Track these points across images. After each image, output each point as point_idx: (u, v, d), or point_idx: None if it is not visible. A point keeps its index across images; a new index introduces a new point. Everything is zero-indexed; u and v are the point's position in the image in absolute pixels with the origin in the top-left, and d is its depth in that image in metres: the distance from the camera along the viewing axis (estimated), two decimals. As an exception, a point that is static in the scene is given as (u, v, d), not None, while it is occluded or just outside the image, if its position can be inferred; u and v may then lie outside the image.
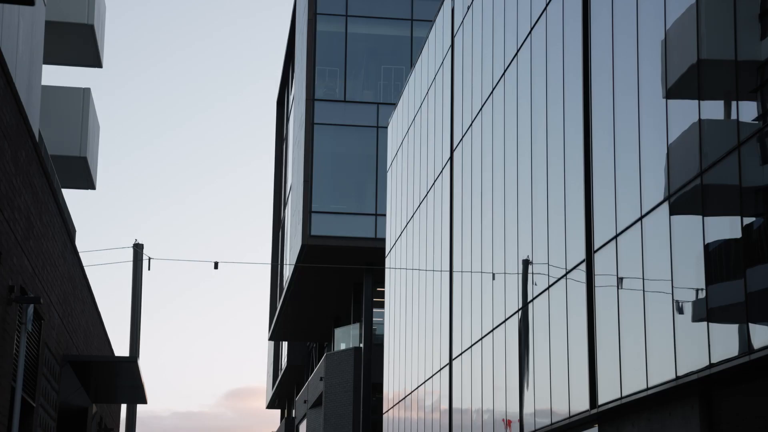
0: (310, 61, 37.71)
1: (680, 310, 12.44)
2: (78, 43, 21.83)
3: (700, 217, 12.04)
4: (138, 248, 26.31)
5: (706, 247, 11.88)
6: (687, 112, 12.46)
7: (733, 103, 11.43)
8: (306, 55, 37.92)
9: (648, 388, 13.13)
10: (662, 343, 12.86)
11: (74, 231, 23.12)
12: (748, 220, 11.08)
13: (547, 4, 17.64)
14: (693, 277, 12.16)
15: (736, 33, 11.41)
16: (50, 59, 22.74)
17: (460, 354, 22.13)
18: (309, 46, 37.81)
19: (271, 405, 62.21)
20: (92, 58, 22.55)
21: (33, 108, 16.31)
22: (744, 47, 11.25)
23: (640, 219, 13.61)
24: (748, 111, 11.15)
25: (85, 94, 21.93)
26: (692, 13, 12.42)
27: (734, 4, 11.47)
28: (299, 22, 41.27)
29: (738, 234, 11.24)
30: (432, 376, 24.70)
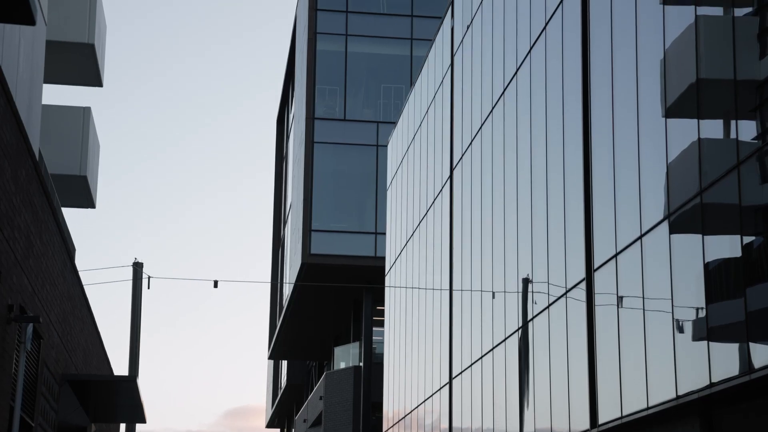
0: (310, 80, 37.79)
1: (680, 329, 12.43)
2: (78, 63, 21.88)
3: (700, 235, 12.04)
4: (137, 267, 26.30)
5: (706, 266, 11.87)
6: (686, 131, 12.48)
7: (733, 122, 11.45)
8: (306, 74, 38.00)
9: (648, 407, 13.10)
10: (663, 362, 12.83)
11: (74, 250, 23.11)
12: (747, 239, 11.08)
13: (546, 24, 17.69)
14: (693, 296, 12.15)
15: (734, 52, 11.44)
16: (51, 78, 22.79)
17: (460, 373, 22.08)
18: (309, 64, 37.90)
19: (270, 424, 62.02)
20: (93, 78, 22.59)
21: (33, 127, 16.34)
22: (743, 66, 11.28)
23: (640, 238, 13.61)
24: (747, 130, 11.17)
25: (85, 113, 21.97)
26: (691, 32, 12.46)
27: (733, 23, 11.51)
28: (299, 41, 41.38)
29: (738, 253, 11.24)
30: (432, 395, 24.64)
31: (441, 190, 24.93)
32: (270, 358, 49.71)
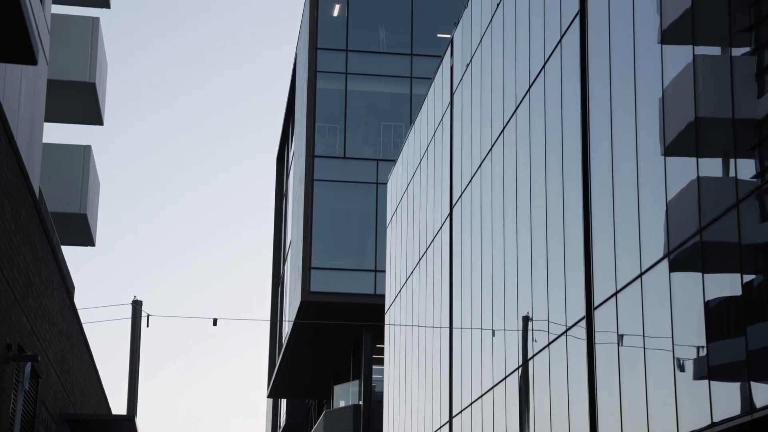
0: (310, 118, 37.93)
1: (681, 368, 12.38)
2: (79, 101, 21.96)
3: (700, 274, 12.03)
4: (137, 305, 26.24)
5: (707, 304, 11.85)
6: (685, 169, 12.51)
7: (732, 161, 11.48)
8: (306, 112, 38.15)
9: (650, 447, 13.02)
10: (664, 401, 12.78)
11: (73, 288, 23.07)
12: (748, 278, 11.07)
13: (545, 62, 17.79)
14: (694, 335, 12.11)
15: (733, 91, 11.50)
16: (52, 117, 22.86)
17: (461, 411, 21.97)
18: (309, 103, 38.06)
19: (269, 463, 61.57)
20: (93, 116, 22.67)
21: (34, 165, 16.37)
22: (741, 105, 11.33)
23: (640, 276, 13.60)
24: (746, 168, 11.19)
25: (85, 151, 22.02)
26: (689, 71, 12.52)
27: (731, 63, 11.57)
28: (299, 80, 41.58)
29: (738, 291, 11.22)
30: (432, 434, 24.50)
31: (441, 227, 24.94)
32: (269, 396, 49.47)
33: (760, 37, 11.04)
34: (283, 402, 52.71)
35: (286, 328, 42.02)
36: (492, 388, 19.73)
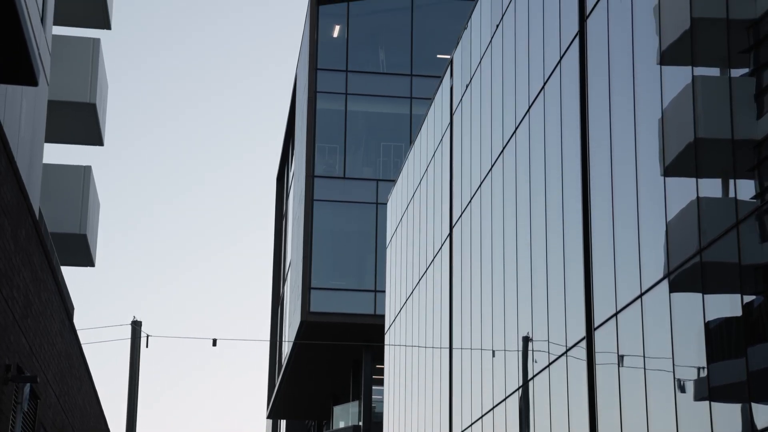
0: (310, 138, 37.98)
1: (682, 389, 12.35)
2: (80, 122, 22.00)
3: (700, 294, 12.02)
4: (136, 325, 26.20)
5: (707, 325, 11.84)
6: (685, 189, 12.52)
7: (731, 181, 11.49)
8: (306, 132, 38.21)
9: (651, 469, 12.97)
10: (664, 422, 12.74)
11: (72, 308, 23.04)
12: (748, 298, 11.06)
13: (545, 83, 17.83)
14: (694, 356, 12.09)
15: (732, 112, 11.52)
16: (52, 137, 22.89)
17: (461, 433, 21.90)
18: (309, 123, 38.12)
19: (269, 484, 61.31)
20: (94, 137, 22.70)
21: (34, 186, 16.38)
22: (741, 126, 11.34)
23: (640, 296, 13.59)
24: (746, 189, 11.20)
25: (85, 171, 22.04)
26: (688, 92, 12.55)
27: (730, 83, 11.60)
28: (299, 100, 41.67)
29: (738, 312, 11.21)
30: (432, 455, 24.41)
31: (440, 247, 24.93)
32: (269, 417, 49.31)
33: (759, 59, 11.07)
34: (283, 423, 52.53)
35: (286, 348, 41.94)
36: (492, 408, 19.67)
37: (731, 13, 11.60)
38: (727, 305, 11.47)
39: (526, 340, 17.97)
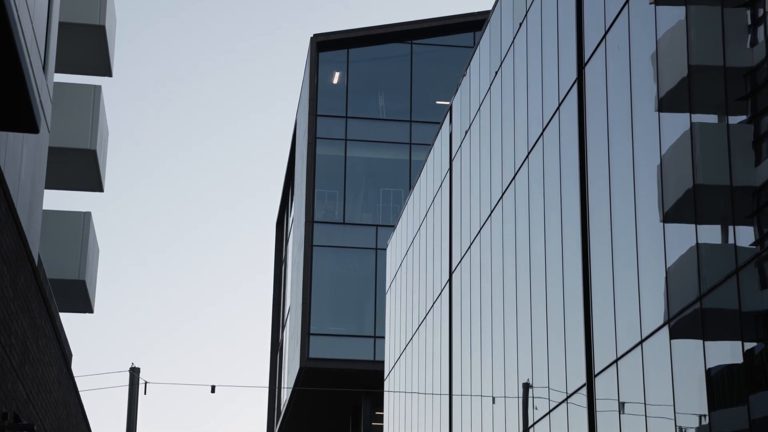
0: (310, 184, 38.07)
1: (683, 437, 12.26)
2: (80, 169, 22.05)
3: (701, 341, 11.97)
4: (134, 372, 26.09)
5: (708, 372, 11.78)
6: (685, 236, 12.52)
7: (730, 228, 11.50)
8: (306, 178, 38.30)
9: None
10: (666, 471, 12.63)
11: (70, 355, 22.95)
12: (749, 345, 11.02)
13: (543, 129, 17.91)
14: (695, 403, 12.02)
15: (730, 159, 11.56)
16: (52, 184, 22.93)
17: (461, 480, 21.71)
18: (309, 168, 38.23)
19: None
20: (94, 183, 22.74)
21: (33, 232, 16.38)
22: (739, 173, 11.37)
23: (641, 343, 13.54)
24: (745, 236, 11.21)
25: (85, 218, 22.05)
26: (687, 139, 12.60)
27: (728, 131, 11.65)
28: (299, 145, 41.81)
29: (739, 359, 11.16)
30: (432, 504, 24.18)
31: (440, 293, 24.88)
32: (267, 464, 48.89)
33: (756, 106, 11.13)
34: (282, 470, 52.07)
35: (285, 394, 41.70)
36: (492, 456, 19.52)
37: (728, 61, 11.68)
38: (728, 352, 11.43)
39: (527, 386, 17.87)
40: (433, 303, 25.52)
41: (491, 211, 20.81)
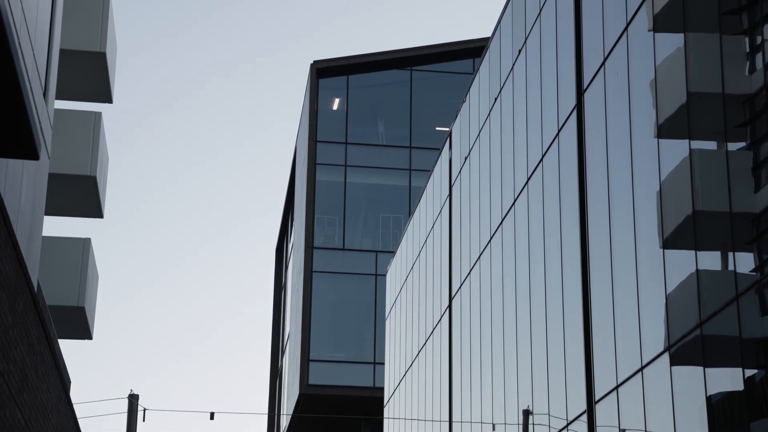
0: (310, 210, 38.08)
1: (685, 464, 12.21)
2: (80, 195, 22.06)
3: (701, 368, 11.94)
4: (133, 399, 26.00)
5: (709, 399, 11.74)
6: (684, 262, 12.51)
7: (730, 254, 11.49)
8: (305, 204, 38.31)
9: None
10: (667, 499, 12.56)
11: (69, 382, 22.88)
12: (749, 372, 10.98)
13: (543, 156, 17.93)
14: (696, 430, 11.97)
15: (730, 186, 11.56)
16: (52, 210, 22.93)
17: (461, 508, 21.58)
18: (308, 194, 38.25)
19: None
20: (94, 209, 22.74)
21: (33, 259, 16.36)
22: (739, 199, 11.38)
23: (641, 370, 13.50)
24: (745, 262, 11.20)
25: (84, 244, 22.03)
26: (686, 165, 12.62)
27: (727, 157, 11.66)
28: (299, 171, 41.86)
29: (740, 386, 11.12)
30: None
31: (440, 319, 24.83)
32: (266, 491, 48.63)
33: (756, 133, 11.15)
34: (281, 497, 51.81)
35: (284, 421, 41.53)
36: (493, 483, 19.42)
37: (727, 88, 11.71)
38: (729, 379, 11.39)
39: (527, 413, 17.80)
40: (433, 329, 25.46)
41: (491, 237, 20.81)
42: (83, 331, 23.22)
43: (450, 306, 23.95)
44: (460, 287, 23.11)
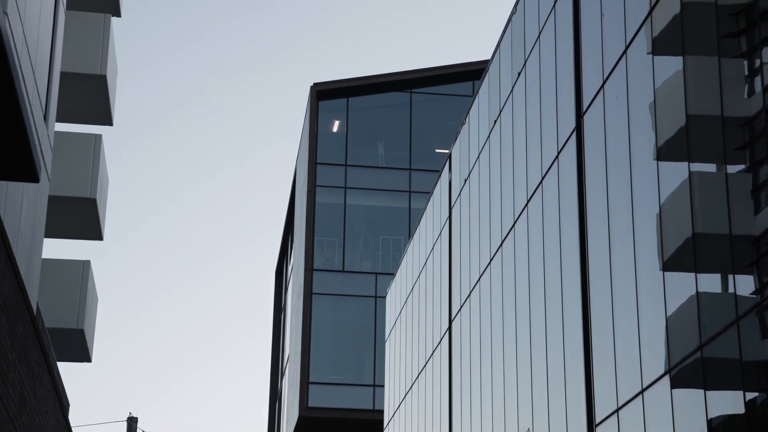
0: (309, 231, 38.08)
1: (686, 488, 12.16)
2: (80, 217, 22.07)
3: (702, 391, 11.91)
4: (132, 422, 25.91)
5: (710, 422, 11.71)
6: (684, 284, 12.51)
7: (730, 277, 11.48)
8: (305, 226, 38.32)
9: None
10: None
11: (68, 405, 22.81)
12: (750, 395, 10.96)
13: (542, 178, 17.95)
14: (697, 453, 11.93)
15: (729, 208, 11.57)
16: (51, 232, 22.93)
17: None
18: (308, 216, 38.26)
19: None
20: (94, 232, 22.74)
21: (32, 281, 16.35)
22: (738, 222, 11.39)
23: (641, 392, 13.46)
24: (745, 285, 11.19)
25: (84, 266, 22.02)
26: (685, 187, 12.63)
27: (726, 180, 11.68)
28: (299, 193, 41.89)
29: (741, 409, 11.09)
30: None
31: (440, 341, 24.78)
32: None
33: (755, 155, 11.17)
34: None
35: (284, 444, 41.38)
36: (493, 507, 19.33)
37: (726, 111, 11.74)
38: (730, 402, 11.36)
39: (527, 436, 17.74)
40: (433, 351, 25.41)
41: (491, 259, 20.80)
42: (82, 354, 23.17)
43: (450, 328, 23.91)
44: (460, 309, 23.08)
